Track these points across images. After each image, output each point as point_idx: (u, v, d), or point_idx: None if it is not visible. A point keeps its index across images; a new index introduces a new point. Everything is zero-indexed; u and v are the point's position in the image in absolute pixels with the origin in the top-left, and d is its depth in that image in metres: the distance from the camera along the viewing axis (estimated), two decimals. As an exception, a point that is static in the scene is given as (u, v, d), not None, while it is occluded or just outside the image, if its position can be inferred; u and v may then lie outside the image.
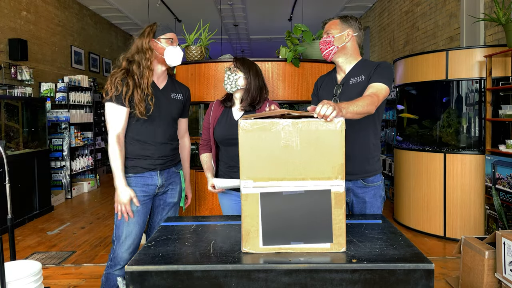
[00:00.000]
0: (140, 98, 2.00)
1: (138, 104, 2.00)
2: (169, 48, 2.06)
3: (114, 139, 2.01)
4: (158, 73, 2.13)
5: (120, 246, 2.05)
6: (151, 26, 2.09)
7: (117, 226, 2.07)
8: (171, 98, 2.17)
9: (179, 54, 2.10)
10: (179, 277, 1.28)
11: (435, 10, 5.66)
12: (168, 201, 2.22)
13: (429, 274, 1.26)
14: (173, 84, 2.23)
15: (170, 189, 2.22)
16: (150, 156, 2.09)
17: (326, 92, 2.07)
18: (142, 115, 2.02)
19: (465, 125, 4.03)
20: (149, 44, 2.04)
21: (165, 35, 2.08)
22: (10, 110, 4.89)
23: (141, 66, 2.03)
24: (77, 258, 3.56)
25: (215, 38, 4.49)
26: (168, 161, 2.17)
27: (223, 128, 2.23)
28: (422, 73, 4.15)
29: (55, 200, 5.62)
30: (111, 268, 2.07)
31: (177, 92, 2.22)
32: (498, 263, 2.45)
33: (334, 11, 9.16)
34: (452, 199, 3.94)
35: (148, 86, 2.03)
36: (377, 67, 1.92)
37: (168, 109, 2.14)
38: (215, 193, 3.27)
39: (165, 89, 2.17)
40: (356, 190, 1.99)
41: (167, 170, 2.17)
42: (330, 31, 2.00)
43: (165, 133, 2.14)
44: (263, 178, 1.37)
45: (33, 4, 6.37)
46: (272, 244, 1.38)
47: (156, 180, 2.12)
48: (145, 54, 2.03)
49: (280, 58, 3.31)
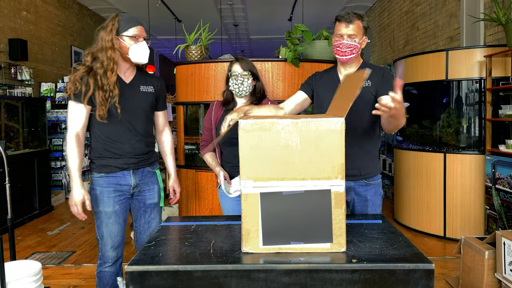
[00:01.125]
0: (101, 100, 1.90)
1: (99, 107, 1.91)
2: (133, 46, 1.94)
3: (73, 138, 1.94)
4: (125, 68, 2.02)
5: (104, 245, 2.06)
6: (113, 22, 1.94)
7: (98, 227, 2.06)
8: (140, 92, 2.05)
9: (145, 51, 1.97)
10: (179, 277, 1.28)
11: (435, 10, 5.65)
12: (148, 203, 2.15)
13: (429, 274, 1.26)
14: (143, 77, 2.10)
15: (147, 189, 2.14)
16: (122, 155, 2.02)
17: (327, 89, 2.03)
18: (102, 118, 1.92)
19: (465, 125, 4.03)
20: (112, 42, 1.91)
21: (128, 31, 1.94)
22: (10, 110, 4.89)
23: (104, 65, 1.91)
24: (77, 258, 3.56)
25: (215, 38, 4.49)
26: (142, 160, 2.09)
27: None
28: (422, 73, 4.15)
29: (55, 200, 5.62)
30: (101, 266, 2.08)
31: (147, 84, 2.10)
32: (498, 263, 2.45)
33: (334, 11, 9.15)
34: (452, 199, 3.94)
35: (112, 88, 1.91)
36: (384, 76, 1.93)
37: (137, 103, 2.04)
38: (215, 193, 3.25)
39: (133, 83, 2.05)
40: (357, 189, 2.01)
41: (141, 169, 2.10)
42: (355, 36, 1.93)
43: (137, 129, 2.04)
44: (263, 178, 1.37)
45: (33, 4, 6.37)
46: (272, 244, 1.38)
47: (129, 180, 2.06)
48: (107, 53, 1.91)
49: (280, 58, 3.31)
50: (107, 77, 1.90)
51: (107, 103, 1.91)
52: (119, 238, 2.08)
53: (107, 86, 1.90)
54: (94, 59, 1.94)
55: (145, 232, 2.18)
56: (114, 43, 1.92)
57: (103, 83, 1.90)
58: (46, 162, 5.33)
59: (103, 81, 1.90)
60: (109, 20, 1.96)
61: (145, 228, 2.17)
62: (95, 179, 2.05)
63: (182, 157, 3.59)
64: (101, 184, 2.03)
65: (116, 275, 2.11)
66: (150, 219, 2.17)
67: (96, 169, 2.05)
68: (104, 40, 1.92)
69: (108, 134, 2.00)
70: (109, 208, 2.03)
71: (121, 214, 2.07)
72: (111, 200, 2.03)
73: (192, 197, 3.42)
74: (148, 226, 2.17)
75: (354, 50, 1.93)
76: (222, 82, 3.29)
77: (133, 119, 2.03)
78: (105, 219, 2.03)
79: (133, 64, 2.03)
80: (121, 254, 2.12)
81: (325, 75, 2.12)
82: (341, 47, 1.94)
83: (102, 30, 1.95)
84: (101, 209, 2.03)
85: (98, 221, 2.05)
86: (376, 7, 8.31)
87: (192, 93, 3.42)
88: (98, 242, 2.09)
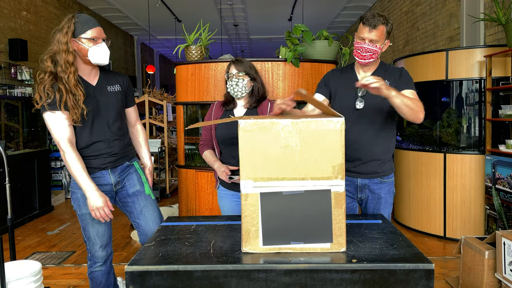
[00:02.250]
0: (73, 104, 1.87)
1: (72, 111, 1.88)
2: (92, 48, 1.89)
3: (67, 145, 1.88)
4: (88, 70, 1.99)
5: (92, 245, 2.05)
6: (69, 23, 1.88)
7: (83, 228, 2.04)
8: (108, 92, 2.03)
9: (105, 53, 1.93)
10: (179, 277, 1.28)
11: (435, 10, 5.66)
12: (131, 192, 2.12)
13: (429, 274, 1.26)
14: (108, 77, 2.08)
15: (127, 179, 2.12)
16: (99, 155, 2.00)
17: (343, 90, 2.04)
18: (76, 122, 1.90)
19: (465, 125, 4.03)
20: (67, 44, 1.86)
21: (87, 33, 1.89)
22: (10, 110, 4.89)
23: (63, 69, 1.87)
24: (77, 258, 3.56)
25: (215, 38, 4.49)
26: (119, 158, 2.08)
27: (224, 128, 2.23)
28: (422, 73, 4.14)
29: (55, 200, 5.62)
30: (92, 267, 2.08)
31: (114, 83, 2.07)
32: (498, 263, 2.45)
33: (334, 11, 9.16)
34: (452, 199, 3.94)
35: (77, 90, 1.88)
36: (401, 75, 1.99)
37: (108, 104, 2.02)
38: (215, 193, 3.25)
39: (99, 84, 2.02)
40: (372, 186, 2.04)
41: (119, 166, 2.09)
42: (377, 41, 1.93)
43: (111, 129, 2.03)
44: (263, 178, 1.37)
45: (33, 4, 6.37)
46: (272, 244, 1.38)
47: (108, 178, 2.04)
48: (62, 56, 1.87)
49: (280, 58, 3.31)
50: (71, 81, 1.87)
51: (78, 106, 1.89)
52: (107, 237, 2.08)
53: (74, 90, 1.87)
54: (54, 63, 1.90)
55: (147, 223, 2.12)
56: (69, 46, 1.87)
57: (70, 87, 1.87)
58: (46, 162, 5.33)
59: (70, 84, 1.87)
60: (65, 22, 1.90)
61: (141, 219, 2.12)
62: (74, 182, 2.00)
63: (182, 157, 3.59)
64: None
65: (107, 274, 2.11)
66: (141, 207, 2.12)
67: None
68: (60, 42, 1.88)
69: (83, 137, 1.97)
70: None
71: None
72: None
73: (192, 197, 3.42)
74: (144, 217, 2.12)
75: (374, 55, 1.94)
76: (222, 82, 3.29)
77: (105, 119, 2.01)
78: (90, 220, 2.01)
79: (95, 65, 2.01)
80: (111, 251, 2.12)
81: (343, 75, 2.11)
82: (361, 51, 1.94)
83: (58, 32, 1.90)
84: (84, 211, 2.00)
85: (83, 223, 2.03)
86: (376, 7, 8.31)
87: (192, 93, 3.42)
88: (86, 244, 2.08)
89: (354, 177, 2.04)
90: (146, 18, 9.00)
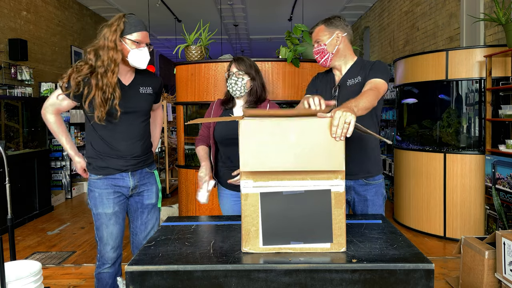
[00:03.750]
0: (100, 101, 1.86)
1: (98, 108, 1.86)
2: (134, 51, 1.91)
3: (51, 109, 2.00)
4: (124, 70, 1.99)
5: (104, 246, 2.04)
6: (119, 22, 1.89)
7: (97, 228, 2.04)
8: (139, 94, 2.03)
9: (145, 57, 1.94)
10: (179, 277, 1.28)
11: (435, 10, 5.66)
12: (146, 203, 2.14)
13: (429, 274, 1.26)
14: (142, 78, 2.07)
15: (145, 190, 2.13)
16: (121, 156, 2.00)
17: (324, 92, 2.07)
18: (101, 120, 1.88)
19: (465, 125, 4.03)
20: (115, 43, 1.87)
21: (132, 35, 1.90)
22: (10, 110, 4.89)
23: (104, 65, 1.86)
24: (77, 258, 3.56)
25: (215, 38, 4.49)
26: (141, 161, 2.08)
27: (223, 128, 2.22)
28: (422, 73, 4.15)
29: (55, 200, 5.62)
30: (100, 267, 2.07)
31: (147, 85, 2.07)
32: (498, 263, 2.45)
33: (334, 11, 9.15)
34: (452, 199, 3.94)
35: (112, 90, 1.87)
36: (372, 65, 1.94)
37: (137, 105, 2.02)
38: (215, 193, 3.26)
39: (133, 85, 2.02)
40: (357, 188, 2.01)
41: (139, 171, 2.08)
42: (319, 39, 1.99)
43: (136, 131, 2.03)
44: (263, 178, 1.37)
45: (33, 4, 6.37)
46: (272, 244, 1.38)
47: (128, 181, 2.04)
48: (108, 53, 1.86)
49: (280, 58, 3.31)
50: (107, 77, 1.86)
51: (106, 105, 1.88)
52: (119, 239, 2.07)
53: (107, 88, 1.86)
54: (97, 57, 1.89)
55: (141, 233, 2.16)
56: (117, 44, 1.87)
57: (103, 84, 1.86)
58: (46, 162, 5.33)
59: (103, 81, 1.86)
60: (115, 20, 1.90)
61: (141, 229, 2.16)
62: (93, 181, 2.02)
63: (182, 157, 3.59)
64: (99, 186, 2.01)
65: (115, 276, 2.11)
66: (147, 220, 2.15)
67: (94, 170, 2.02)
68: (107, 39, 1.88)
69: (107, 136, 1.98)
70: (109, 209, 2.01)
71: (120, 215, 2.06)
72: (111, 201, 2.02)
73: (192, 197, 3.42)
74: (145, 227, 2.16)
75: (323, 54, 1.99)
76: (222, 82, 3.29)
77: (132, 121, 2.01)
78: (105, 220, 2.02)
79: (133, 67, 2.01)
80: (121, 254, 2.12)
81: (325, 76, 2.15)
82: (316, 57, 2.03)
83: (106, 28, 1.90)
84: (101, 211, 2.01)
85: (97, 223, 2.04)
86: (376, 7, 8.31)
87: (192, 93, 3.42)
88: (97, 244, 2.07)
89: None
90: (146, 18, 8.99)
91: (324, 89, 2.08)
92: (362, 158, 1.99)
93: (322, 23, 2.01)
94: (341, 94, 1.98)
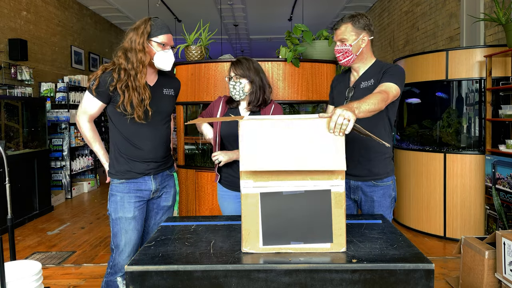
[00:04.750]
0: (138, 102, 1.91)
1: (136, 108, 1.92)
2: (159, 53, 1.96)
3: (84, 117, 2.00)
4: (149, 72, 2.03)
5: (120, 254, 2.01)
6: (146, 25, 1.94)
7: (115, 235, 2.01)
8: (163, 95, 2.07)
9: (170, 59, 1.99)
10: (179, 277, 1.28)
11: (435, 10, 5.66)
12: (162, 205, 2.16)
13: (429, 274, 1.26)
14: (165, 80, 2.12)
15: (164, 192, 2.15)
16: (144, 160, 2.02)
17: (339, 93, 2.08)
18: (140, 119, 1.94)
19: (465, 125, 4.03)
20: (143, 45, 1.92)
21: (158, 37, 1.96)
22: (10, 110, 4.89)
23: (134, 67, 1.92)
24: (77, 258, 3.56)
25: (215, 38, 4.49)
26: (162, 164, 2.10)
27: (229, 126, 2.21)
28: (422, 73, 4.15)
29: (55, 200, 5.62)
30: (112, 275, 2.03)
31: (169, 87, 2.12)
32: (498, 263, 2.45)
33: (334, 11, 9.15)
34: (452, 199, 3.94)
35: (143, 90, 1.93)
36: (388, 69, 1.90)
37: (161, 107, 2.05)
38: (215, 193, 3.25)
39: (157, 86, 2.06)
40: (364, 189, 2.01)
41: (160, 173, 2.10)
42: (344, 38, 1.94)
43: (159, 132, 2.06)
44: (263, 178, 1.37)
45: (33, 4, 6.37)
46: (272, 244, 1.38)
47: (150, 185, 2.05)
48: (137, 55, 1.92)
49: (280, 58, 3.31)
50: (138, 79, 1.91)
51: (143, 105, 1.93)
52: (136, 247, 2.05)
53: (140, 89, 1.92)
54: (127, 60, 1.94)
55: (152, 232, 2.15)
56: (145, 47, 1.92)
57: (136, 85, 1.91)
58: (46, 162, 5.33)
59: (135, 83, 1.91)
60: (141, 23, 1.96)
61: (153, 230, 2.16)
62: (115, 185, 2.02)
63: (182, 157, 3.59)
64: (121, 190, 2.00)
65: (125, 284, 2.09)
66: (160, 220, 2.16)
67: (116, 175, 2.02)
68: (134, 42, 1.92)
69: (131, 136, 1.99)
70: (129, 213, 2.00)
71: (139, 221, 2.05)
72: (131, 205, 2.01)
73: (192, 197, 3.42)
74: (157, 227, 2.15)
75: (347, 54, 1.95)
76: (222, 82, 3.29)
77: (157, 122, 2.03)
78: (124, 225, 2.00)
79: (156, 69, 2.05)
80: None
81: (341, 78, 2.15)
82: (338, 56, 1.99)
83: (133, 32, 1.95)
84: (120, 215, 1.99)
85: (115, 228, 2.00)
86: (376, 7, 8.31)
87: (192, 93, 3.42)
88: (112, 252, 2.03)
89: (347, 178, 1.99)
90: (146, 18, 8.98)
91: (339, 91, 2.09)
92: (372, 162, 1.98)
93: (349, 20, 1.95)
94: (354, 96, 1.97)
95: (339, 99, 2.07)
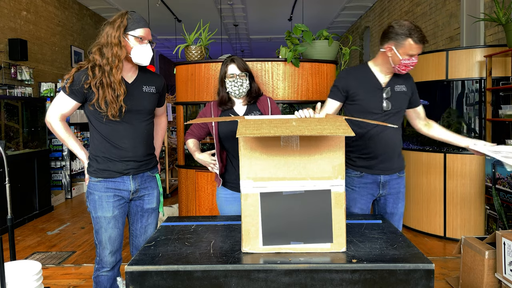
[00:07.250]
0: (112, 99, 1.86)
1: (110, 105, 1.86)
2: (136, 47, 1.89)
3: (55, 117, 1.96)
4: (127, 67, 1.96)
5: (102, 250, 2.01)
6: (122, 19, 1.89)
7: (96, 232, 2.01)
8: (143, 92, 2.00)
9: (148, 54, 1.93)
10: (179, 277, 1.28)
11: (435, 10, 5.66)
12: (146, 208, 2.11)
13: (429, 274, 1.26)
14: (145, 76, 2.05)
15: (146, 194, 2.09)
16: (123, 159, 1.97)
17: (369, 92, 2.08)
18: (115, 116, 1.89)
19: (465, 125, 4.02)
20: (119, 39, 1.86)
21: (135, 31, 1.90)
22: (10, 110, 4.89)
23: (109, 62, 1.86)
24: (77, 258, 3.56)
25: (215, 38, 4.49)
26: (143, 164, 2.05)
27: (228, 124, 2.18)
28: (422, 73, 4.14)
29: (55, 200, 5.62)
30: (99, 270, 2.04)
31: (150, 84, 2.04)
32: (498, 263, 2.45)
33: (334, 11, 9.16)
34: (452, 199, 3.94)
35: (119, 86, 1.87)
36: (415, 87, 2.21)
37: (140, 104, 1.98)
38: (215, 193, 3.24)
39: (136, 83, 1.99)
40: (392, 182, 2.15)
41: (140, 174, 2.05)
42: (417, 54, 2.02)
43: (138, 130, 2.00)
44: (263, 178, 1.37)
45: (33, 4, 6.37)
46: (272, 244, 1.38)
47: (128, 185, 2.01)
48: (112, 49, 1.86)
49: (280, 58, 3.31)
50: (113, 74, 1.86)
51: (117, 101, 1.88)
52: (118, 243, 2.04)
53: (115, 84, 1.87)
54: (102, 55, 1.89)
55: (141, 236, 2.14)
56: (121, 41, 1.87)
57: (111, 81, 1.86)
58: (46, 162, 5.33)
59: (110, 78, 1.86)
60: (118, 17, 1.90)
61: (141, 232, 2.14)
62: (93, 184, 1.99)
63: (182, 157, 3.58)
64: (99, 189, 1.98)
65: (114, 279, 2.08)
66: (147, 223, 2.13)
67: (94, 173, 1.99)
68: (110, 36, 1.87)
69: (109, 135, 1.95)
70: (108, 213, 1.98)
71: (120, 219, 2.03)
72: (110, 205, 1.98)
73: (192, 197, 3.42)
74: (145, 230, 2.14)
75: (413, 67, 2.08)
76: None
77: (135, 120, 1.98)
78: (104, 224, 1.99)
79: (135, 64, 1.99)
80: (120, 258, 2.09)
81: (361, 77, 2.12)
82: (410, 66, 2.02)
83: (109, 26, 1.90)
84: (100, 215, 1.98)
85: (96, 226, 2.01)
86: (376, 7, 8.31)
87: (192, 93, 3.42)
88: (96, 247, 2.04)
89: (378, 174, 2.11)
90: (146, 18, 8.98)
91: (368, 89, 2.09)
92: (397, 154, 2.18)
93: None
94: (391, 97, 2.10)
95: (370, 98, 2.08)
